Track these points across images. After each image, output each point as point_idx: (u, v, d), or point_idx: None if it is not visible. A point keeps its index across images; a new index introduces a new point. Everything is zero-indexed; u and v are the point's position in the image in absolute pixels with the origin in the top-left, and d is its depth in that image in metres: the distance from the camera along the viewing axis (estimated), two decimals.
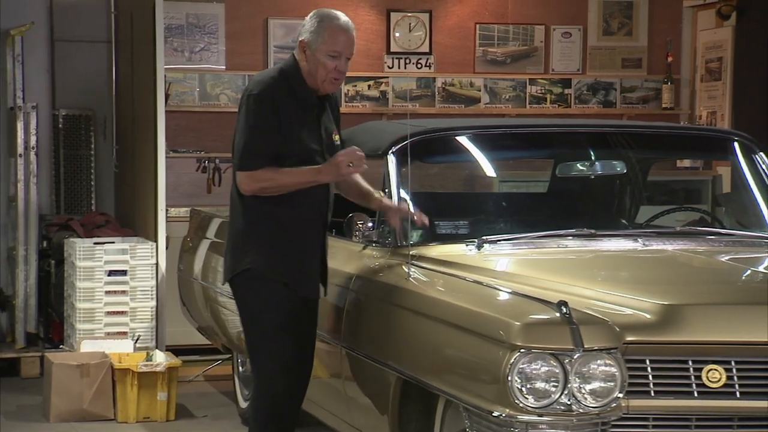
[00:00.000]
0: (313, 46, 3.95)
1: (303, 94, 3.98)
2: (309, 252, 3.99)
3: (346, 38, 3.96)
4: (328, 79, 3.96)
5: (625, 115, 8.10)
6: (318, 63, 3.94)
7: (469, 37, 7.99)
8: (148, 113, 6.50)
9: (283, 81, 3.97)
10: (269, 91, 3.93)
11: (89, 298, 6.21)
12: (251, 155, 3.90)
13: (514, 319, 3.16)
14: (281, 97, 3.92)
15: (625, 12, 8.17)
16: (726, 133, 5.23)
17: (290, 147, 3.91)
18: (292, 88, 3.96)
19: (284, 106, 3.92)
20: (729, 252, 4.04)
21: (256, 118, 3.91)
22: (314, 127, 4.00)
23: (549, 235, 4.11)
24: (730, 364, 3.13)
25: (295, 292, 3.95)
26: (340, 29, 3.96)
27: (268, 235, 3.95)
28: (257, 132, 3.90)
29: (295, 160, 3.92)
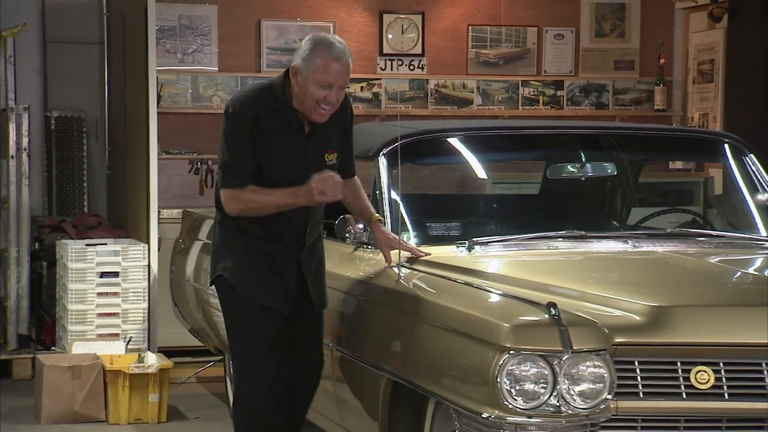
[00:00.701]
0: (304, 74, 3.83)
1: (288, 114, 3.90)
2: (277, 268, 3.95)
3: (338, 68, 3.83)
4: (316, 109, 3.86)
5: (618, 117, 8.11)
6: (307, 91, 3.83)
7: (461, 38, 8.00)
8: (141, 115, 6.50)
9: (265, 98, 3.89)
10: (245, 110, 3.87)
11: (81, 300, 6.21)
12: (231, 174, 3.89)
13: (503, 321, 3.16)
14: (260, 116, 3.86)
15: (618, 14, 8.18)
16: (716, 135, 5.25)
17: (270, 166, 3.88)
18: (277, 106, 3.88)
19: (264, 124, 3.86)
20: (719, 254, 4.05)
21: (231, 137, 3.89)
22: (299, 146, 3.92)
23: (539, 236, 4.12)
24: (718, 365, 3.14)
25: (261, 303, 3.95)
26: (333, 59, 3.82)
27: (238, 246, 3.97)
28: (233, 151, 3.88)
29: (276, 179, 3.88)
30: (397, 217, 4.13)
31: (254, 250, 3.95)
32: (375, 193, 4.22)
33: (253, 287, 3.96)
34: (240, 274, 3.97)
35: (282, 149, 3.89)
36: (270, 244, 3.95)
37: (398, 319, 3.71)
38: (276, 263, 3.95)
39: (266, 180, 3.88)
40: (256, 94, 3.90)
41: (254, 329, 3.95)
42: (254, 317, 3.95)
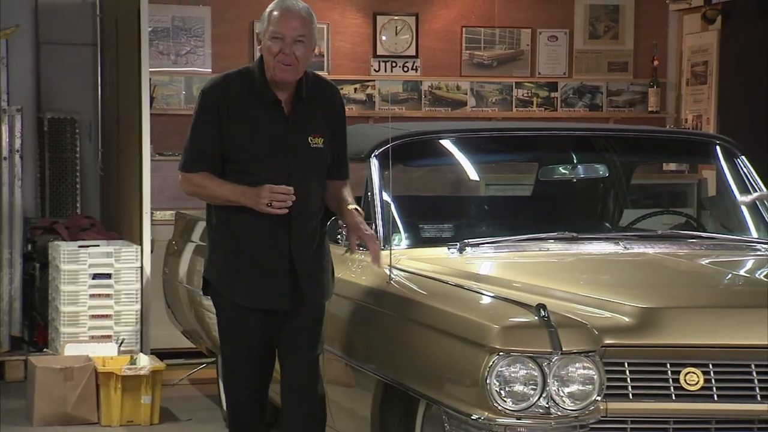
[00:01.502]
0: (261, 33, 3.76)
1: (262, 88, 3.74)
2: (264, 264, 3.76)
3: (288, 17, 3.69)
4: (277, 65, 3.69)
5: (612, 119, 8.11)
6: (266, 49, 3.71)
7: (455, 40, 8.00)
8: (134, 116, 6.50)
9: (242, 77, 3.77)
10: (214, 91, 3.76)
11: (73, 302, 6.20)
12: (189, 156, 3.78)
13: (493, 322, 3.16)
14: (232, 94, 3.72)
15: (612, 16, 8.18)
16: (708, 136, 5.26)
17: (249, 146, 3.72)
18: (253, 84, 3.74)
19: (235, 103, 3.72)
20: (709, 255, 4.05)
21: (197, 117, 3.78)
22: (278, 125, 3.75)
23: (531, 238, 4.12)
24: (707, 367, 3.14)
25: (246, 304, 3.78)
26: (282, 10, 3.71)
27: (221, 244, 3.82)
28: (196, 132, 3.77)
29: (244, 160, 3.72)
30: (389, 218, 4.13)
31: (237, 246, 3.78)
32: (367, 195, 4.22)
33: (237, 288, 3.79)
34: (222, 274, 3.82)
35: (260, 128, 3.74)
36: (255, 238, 3.76)
37: (389, 321, 3.70)
38: (262, 258, 3.77)
39: (249, 162, 3.71)
40: (232, 74, 3.82)
41: (237, 333, 3.82)
42: (238, 320, 3.80)
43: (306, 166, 3.78)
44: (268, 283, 3.78)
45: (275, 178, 3.71)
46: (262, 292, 3.79)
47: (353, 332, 3.96)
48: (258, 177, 3.70)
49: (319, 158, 3.81)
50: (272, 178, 3.70)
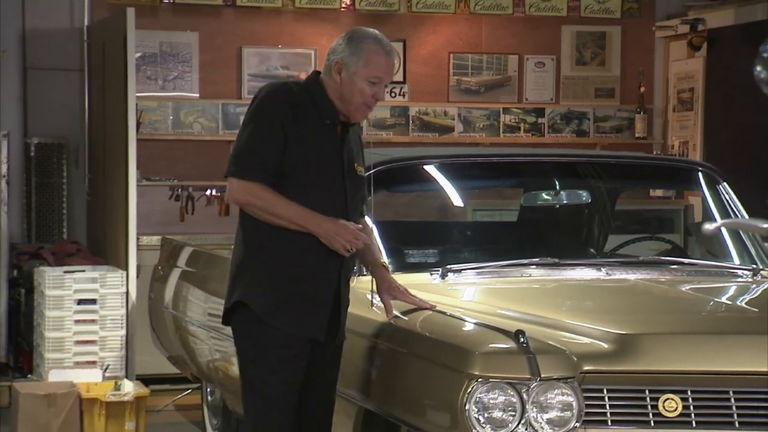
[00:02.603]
0: (352, 69, 3.47)
1: (325, 110, 3.50)
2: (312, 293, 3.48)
3: (389, 62, 3.51)
4: (362, 108, 3.51)
5: (599, 145, 8.14)
6: (355, 88, 3.47)
7: (443, 66, 8.03)
8: (120, 141, 6.50)
9: (304, 91, 3.52)
10: (281, 95, 3.47)
11: (58, 327, 6.19)
12: (247, 162, 3.43)
13: (472, 348, 3.16)
14: (298, 106, 3.47)
15: (598, 42, 8.22)
16: (690, 163, 5.28)
17: (298, 162, 3.44)
18: (314, 100, 3.50)
19: (299, 116, 3.47)
20: (691, 282, 4.06)
21: (259, 122, 3.45)
22: (335, 149, 3.52)
23: (513, 264, 4.12)
24: (686, 393, 3.14)
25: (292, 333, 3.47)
26: (383, 53, 3.49)
27: (266, 265, 3.47)
28: (258, 137, 3.43)
29: (305, 178, 3.45)
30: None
31: (287, 271, 3.45)
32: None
33: (285, 314, 3.45)
34: (268, 299, 3.45)
35: (321, 146, 3.48)
36: (308, 264, 3.47)
37: (370, 347, 3.70)
38: (311, 286, 3.47)
39: (310, 181, 3.46)
40: (292, 84, 3.56)
41: (273, 368, 3.46)
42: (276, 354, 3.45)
43: (356, 191, 3.59)
44: (314, 312, 3.49)
45: (334, 200, 3.49)
46: (309, 320, 3.49)
47: None
48: (317, 197, 3.46)
49: (363, 187, 3.63)
50: (331, 199, 3.49)
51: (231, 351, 4.78)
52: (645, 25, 8.15)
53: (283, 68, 7.71)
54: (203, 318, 5.21)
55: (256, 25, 7.64)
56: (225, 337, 4.84)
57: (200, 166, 7.57)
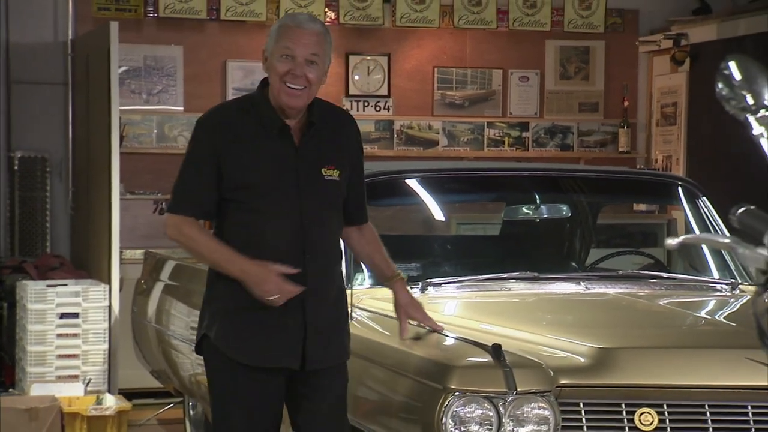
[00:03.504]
0: (268, 52, 3.25)
1: (265, 113, 3.24)
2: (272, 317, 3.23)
3: (301, 34, 3.20)
4: (284, 89, 3.19)
5: (583, 159, 8.16)
6: (271, 69, 3.22)
7: (427, 80, 8.05)
8: (104, 155, 6.50)
9: (241, 104, 3.33)
10: (210, 119, 3.29)
11: (40, 341, 6.17)
12: (177, 195, 3.30)
13: (448, 362, 3.17)
14: (232, 123, 3.25)
15: (582, 57, 8.25)
16: (670, 177, 5.30)
17: (240, 181, 3.21)
18: (257, 111, 3.26)
19: (236, 132, 3.23)
20: (669, 296, 4.07)
21: (189, 151, 3.30)
22: (286, 157, 3.25)
23: (493, 278, 4.13)
24: (662, 407, 3.15)
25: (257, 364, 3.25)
26: (293, 25, 3.22)
27: (222, 295, 3.27)
28: (187, 168, 3.28)
29: (249, 197, 3.22)
30: (352, 257, 4.13)
31: (242, 297, 3.22)
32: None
33: (240, 344, 3.24)
34: (224, 329, 3.26)
35: (266, 160, 3.23)
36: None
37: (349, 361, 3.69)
38: (270, 314, 3.22)
39: (255, 199, 3.22)
40: (230, 102, 3.45)
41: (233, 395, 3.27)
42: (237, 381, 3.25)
43: (321, 201, 3.29)
44: (278, 338, 3.25)
45: (286, 215, 3.23)
46: (274, 349, 3.24)
47: None
48: (266, 215, 3.23)
49: (335, 192, 3.32)
50: (282, 216, 3.23)
51: None
52: (628, 39, 8.19)
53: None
54: (186, 332, 5.20)
55: (241, 38, 7.66)
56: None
57: None
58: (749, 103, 1.87)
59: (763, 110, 1.86)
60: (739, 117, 1.89)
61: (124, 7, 7.36)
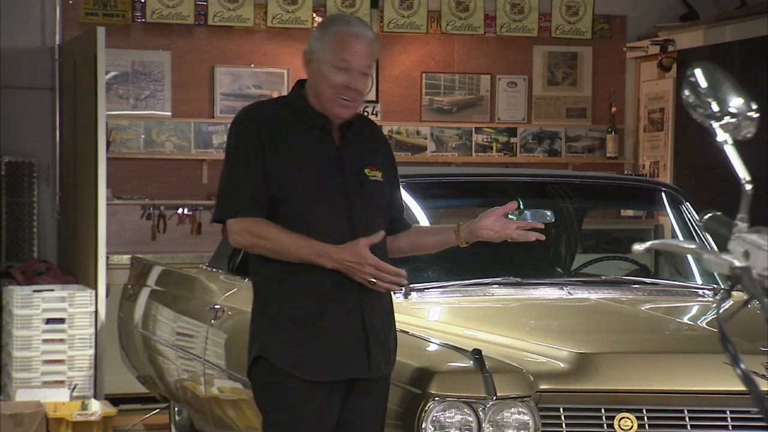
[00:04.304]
0: (317, 55, 3.09)
1: (306, 113, 3.11)
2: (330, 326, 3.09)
3: (359, 45, 3.06)
4: (336, 100, 3.07)
5: (570, 164, 8.18)
6: (323, 77, 3.07)
7: (415, 85, 8.06)
8: (91, 160, 6.50)
9: (280, 104, 3.19)
10: (250, 117, 3.13)
11: (26, 347, 6.16)
12: (235, 198, 3.09)
13: (428, 368, 3.17)
14: (274, 123, 3.11)
15: (570, 62, 8.27)
16: (653, 183, 5.31)
17: (285, 183, 3.08)
18: (295, 110, 3.12)
19: (277, 131, 3.10)
20: (651, 301, 4.08)
21: (236, 151, 3.11)
22: (329, 154, 3.12)
23: (475, 283, 4.13)
24: (641, 412, 3.16)
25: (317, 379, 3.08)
26: (352, 35, 3.07)
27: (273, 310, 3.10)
28: (238, 168, 3.09)
29: (296, 199, 3.09)
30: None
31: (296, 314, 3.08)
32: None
33: (309, 362, 3.06)
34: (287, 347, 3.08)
35: (310, 160, 3.10)
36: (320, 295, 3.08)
37: None
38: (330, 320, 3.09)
39: (302, 202, 3.09)
40: (267, 101, 3.28)
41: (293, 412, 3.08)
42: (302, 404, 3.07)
43: (368, 201, 3.15)
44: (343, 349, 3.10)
45: (334, 218, 3.09)
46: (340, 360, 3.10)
47: None
48: (314, 218, 3.08)
49: (381, 193, 3.19)
50: (332, 217, 3.09)
51: (199, 371, 4.79)
52: (616, 45, 8.22)
53: (255, 87, 7.73)
54: (172, 337, 5.20)
55: (229, 44, 7.67)
56: (193, 357, 4.84)
57: (172, 185, 7.58)
58: (714, 110, 1.88)
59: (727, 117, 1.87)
60: (705, 124, 1.90)
61: (111, 12, 7.36)
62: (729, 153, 1.83)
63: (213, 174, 7.64)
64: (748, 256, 1.69)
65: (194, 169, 7.62)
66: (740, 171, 1.82)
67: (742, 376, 1.60)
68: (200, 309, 4.83)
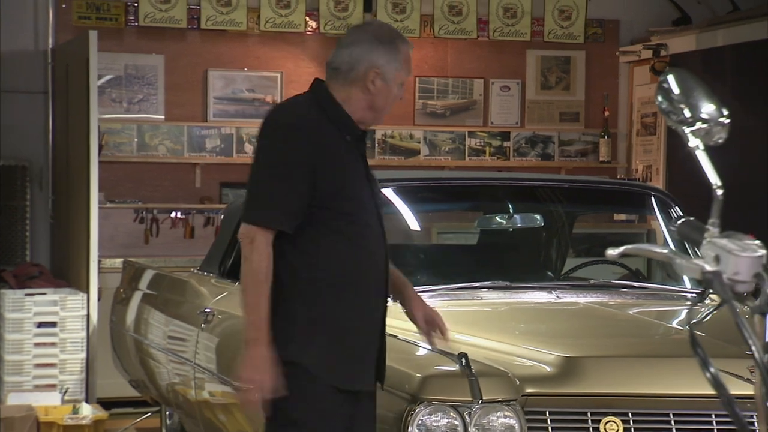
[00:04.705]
0: (390, 75, 3.01)
1: (344, 125, 3.01)
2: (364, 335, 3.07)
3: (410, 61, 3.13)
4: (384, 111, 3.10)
5: (563, 169, 8.18)
6: (390, 95, 3.03)
7: (408, 89, 8.05)
8: (83, 164, 6.50)
9: (319, 110, 3.02)
10: (308, 123, 2.97)
11: (18, 351, 6.16)
12: (271, 205, 2.94)
13: (415, 371, 3.18)
14: (320, 131, 2.98)
15: (563, 67, 8.28)
16: (643, 187, 5.32)
17: (341, 192, 2.97)
18: (330, 118, 3.01)
19: (327, 139, 2.99)
20: (640, 305, 4.09)
21: (281, 156, 2.94)
22: (360, 170, 3.06)
23: (464, 287, 4.14)
24: (627, 416, 3.17)
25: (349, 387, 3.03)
26: (410, 49, 3.09)
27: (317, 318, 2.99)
28: (281, 174, 2.93)
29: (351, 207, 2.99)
30: None
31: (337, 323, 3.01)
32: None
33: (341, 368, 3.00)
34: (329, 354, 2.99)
35: (350, 167, 3.02)
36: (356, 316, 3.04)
37: None
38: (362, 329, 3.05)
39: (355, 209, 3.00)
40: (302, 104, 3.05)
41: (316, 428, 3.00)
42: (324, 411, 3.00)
43: (382, 209, 3.16)
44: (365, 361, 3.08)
45: (373, 225, 3.05)
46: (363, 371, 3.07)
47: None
48: (361, 225, 3.01)
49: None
50: (372, 226, 3.05)
51: (189, 375, 4.79)
52: (609, 49, 8.23)
53: (249, 91, 7.73)
54: (163, 341, 5.20)
55: (222, 48, 7.67)
56: (184, 361, 4.84)
57: (165, 189, 7.58)
58: (686, 116, 1.89)
59: (699, 123, 1.89)
60: (677, 130, 1.91)
61: (105, 16, 7.37)
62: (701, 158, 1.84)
63: (206, 178, 7.65)
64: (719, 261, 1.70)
65: (187, 172, 7.63)
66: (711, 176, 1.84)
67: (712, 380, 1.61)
68: (191, 313, 4.83)
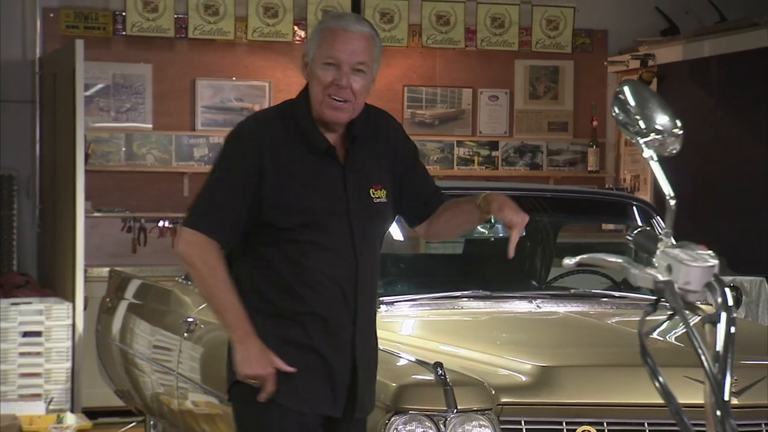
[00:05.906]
0: (310, 56, 2.87)
1: (311, 132, 2.87)
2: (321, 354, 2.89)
3: (348, 39, 2.83)
4: (327, 101, 2.82)
5: (552, 178, 8.19)
6: (314, 77, 2.85)
7: (397, 99, 8.08)
8: (70, 173, 6.51)
9: (283, 116, 2.92)
10: (256, 131, 2.88)
11: (2, 360, 6.16)
12: (205, 212, 2.87)
13: (390, 381, 3.18)
14: (278, 140, 2.86)
15: (551, 76, 8.30)
16: (624, 197, 5.33)
17: (288, 209, 2.84)
18: (299, 125, 2.88)
19: (281, 151, 2.86)
20: (620, 315, 4.09)
21: (224, 168, 2.88)
22: (333, 177, 2.89)
23: (445, 296, 4.14)
24: (602, 425, 3.17)
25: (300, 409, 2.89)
26: (340, 29, 2.84)
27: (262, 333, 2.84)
28: (220, 187, 2.87)
29: (298, 226, 2.84)
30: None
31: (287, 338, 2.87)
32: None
33: (289, 388, 2.85)
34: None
35: (314, 184, 2.86)
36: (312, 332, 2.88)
37: None
38: (320, 356, 2.89)
39: (305, 228, 2.84)
40: (271, 113, 2.99)
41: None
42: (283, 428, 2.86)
43: (370, 227, 2.93)
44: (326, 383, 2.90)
45: (338, 246, 2.86)
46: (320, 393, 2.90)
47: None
48: (316, 246, 2.84)
49: (384, 216, 2.96)
50: (334, 247, 2.86)
51: (172, 384, 4.79)
52: (597, 59, 8.25)
53: (237, 100, 7.74)
54: (148, 351, 5.20)
55: (210, 57, 7.68)
56: (167, 370, 4.84)
57: (153, 198, 7.58)
58: (642, 127, 1.91)
59: (653, 134, 1.90)
60: (633, 140, 1.92)
61: (92, 25, 7.38)
62: (654, 169, 1.85)
63: (194, 187, 7.64)
64: (671, 271, 1.70)
65: (175, 181, 7.63)
66: (665, 187, 1.86)
67: (660, 390, 1.62)
68: (174, 322, 4.83)
